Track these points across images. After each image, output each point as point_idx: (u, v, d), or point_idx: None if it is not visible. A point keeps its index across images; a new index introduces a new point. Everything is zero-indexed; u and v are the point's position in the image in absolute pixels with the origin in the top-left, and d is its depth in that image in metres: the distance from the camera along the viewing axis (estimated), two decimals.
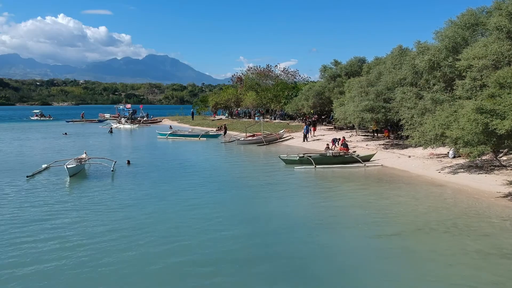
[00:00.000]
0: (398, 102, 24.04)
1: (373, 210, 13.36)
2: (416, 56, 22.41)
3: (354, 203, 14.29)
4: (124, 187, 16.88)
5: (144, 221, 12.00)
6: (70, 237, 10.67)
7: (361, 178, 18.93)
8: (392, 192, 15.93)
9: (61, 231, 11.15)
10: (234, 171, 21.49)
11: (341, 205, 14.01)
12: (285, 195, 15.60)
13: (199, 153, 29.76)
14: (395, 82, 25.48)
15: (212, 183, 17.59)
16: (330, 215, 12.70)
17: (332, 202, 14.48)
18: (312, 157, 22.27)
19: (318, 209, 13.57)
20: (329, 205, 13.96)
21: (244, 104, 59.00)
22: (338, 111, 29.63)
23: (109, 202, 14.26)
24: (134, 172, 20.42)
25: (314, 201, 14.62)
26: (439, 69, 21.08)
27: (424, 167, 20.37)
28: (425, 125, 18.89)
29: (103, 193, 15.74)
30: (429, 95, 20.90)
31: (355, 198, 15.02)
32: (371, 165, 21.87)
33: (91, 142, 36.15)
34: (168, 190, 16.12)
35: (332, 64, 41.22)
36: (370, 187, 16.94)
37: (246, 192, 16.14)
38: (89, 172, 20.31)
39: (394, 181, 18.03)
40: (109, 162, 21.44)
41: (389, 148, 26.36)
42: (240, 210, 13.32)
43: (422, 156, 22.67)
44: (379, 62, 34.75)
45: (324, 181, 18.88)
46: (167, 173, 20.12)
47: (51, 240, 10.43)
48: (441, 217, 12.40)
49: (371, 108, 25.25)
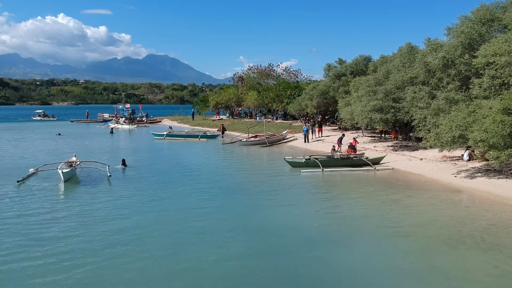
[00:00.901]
0: (408, 102, 22.90)
1: (391, 220, 12.22)
2: (428, 53, 21.25)
3: (369, 213, 13.12)
4: (119, 194, 15.63)
5: (140, 237, 10.81)
6: (65, 253, 9.49)
7: (373, 183, 17.77)
8: (408, 199, 14.78)
9: (55, 245, 9.97)
10: (236, 175, 20.35)
11: (355, 215, 12.84)
12: (292, 203, 14.43)
13: (199, 155, 28.63)
14: (405, 81, 24.33)
15: (213, 189, 16.39)
16: (344, 228, 11.55)
17: (345, 211, 13.32)
18: (319, 159, 21.12)
19: (330, 220, 12.39)
20: (341, 215, 12.80)
21: (245, 104, 57.88)
22: (344, 111, 28.46)
23: (104, 213, 13.07)
24: (130, 177, 19.25)
25: (325, 211, 13.43)
26: (454, 67, 19.93)
27: (438, 170, 19.22)
28: (441, 126, 17.77)
29: (98, 201, 14.50)
30: (443, 94, 19.76)
31: (369, 207, 13.84)
32: (382, 168, 20.71)
33: (87, 143, 35.01)
34: (167, 199, 14.84)
35: (337, 62, 40.07)
36: (384, 193, 15.78)
37: (250, 199, 14.94)
38: (81, 177, 18.98)
39: (408, 186, 16.87)
40: (102, 166, 20.26)
41: (398, 150, 25.21)
42: (244, 222, 12.09)
43: (434, 159, 21.52)
44: (386, 61, 33.63)
45: (334, 186, 17.72)
46: (165, 178, 18.87)
47: (45, 255, 9.28)
48: (467, 229, 11.26)
49: (380, 108, 24.08)
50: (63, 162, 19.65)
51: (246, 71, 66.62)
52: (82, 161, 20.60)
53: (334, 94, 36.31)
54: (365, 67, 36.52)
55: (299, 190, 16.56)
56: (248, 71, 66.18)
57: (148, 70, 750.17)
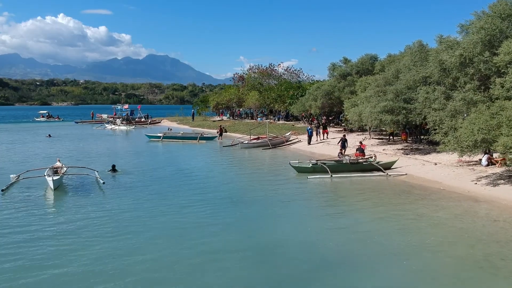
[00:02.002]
0: (421, 102, 21.56)
1: (413, 237, 10.86)
2: (443, 51, 19.91)
3: (388, 227, 11.77)
4: (114, 207, 14.15)
5: (134, 258, 9.50)
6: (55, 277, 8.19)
7: (387, 192, 16.39)
8: (428, 210, 13.41)
9: (45, 268, 8.66)
10: (238, 183, 18.90)
11: (373, 231, 11.46)
12: (303, 217, 13.03)
13: (198, 160, 27.15)
14: (417, 80, 22.99)
15: (214, 200, 14.95)
16: (363, 247, 10.17)
17: (361, 226, 11.95)
18: (327, 164, 19.77)
19: (346, 238, 10.98)
20: (358, 231, 11.42)
21: (246, 104, 56.56)
22: (351, 112, 27.10)
23: (95, 232, 11.58)
24: (124, 185, 17.81)
25: (339, 226, 11.99)
26: (472, 65, 18.59)
27: (456, 177, 17.86)
28: (460, 129, 16.42)
29: (90, 215, 13.03)
30: (461, 95, 18.42)
31: (388, 221, 12.47)
32: (394, 174, 19.34)
33: (82, 145, 33.61)
34: (163, 215, 13.33)
35: (342, 62, 38.68)
36: (401, 204, 14.41)
37: (255, 213, 13.50)
38: (67, 185, 17.49)
39: (427, 195, 15.50)
40: (90, 171, 18.88)
41: (409, 153, 23.85)
42: (250, 243, 10.59)
43: (449, 163, 20.18)
44: (394, 60, 32.33)
45: (345, 196, 16.32)
46: (161, 187, 17.35)
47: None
48: (503, 249, 9.89)
49: (391, 109, 22.71)
50: (47, 167, 18.23)
51: (247, 71, 65.35)
52: (69, 167, 19.04)
53: (340, 94, 34.93)
54: (371, 66, 35.19)
55: (308, 201, 15.16)
56: (248, 70, 64.90)
57: (148, 70, 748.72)
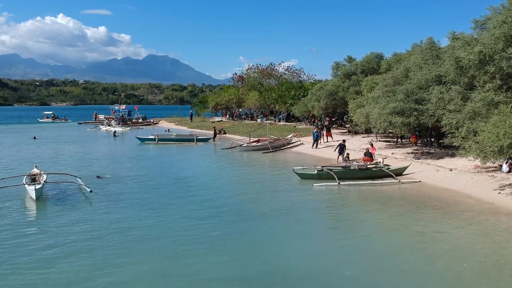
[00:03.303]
0: (434, 103, 19.99)
1: (441, 262, 9.26)
2: (460, 47, 18.34)
3: (408, 249, 10.16)
4: (101, 221, 12.61)
5: None
6: None
7: (402, 202, 14.79)
8: (451, 226, 11.84)
9: None
10: (237, 191, 17.15)
11: (390, 252, 9.88)
12: (307, 233, 11.44)
13: (194, 165, 25.23)
14: (429, 79, 21.42)
15: (208, 212, 13.36)
16: (382, 275, 8.59)
17: (377, 246, 10.38)
18: (334, 171, 18.19)
19: (360, 261, 9.38)
20: (374, 253, 9.85)
21: (246, 105, 55.01)
22: (358, 113, 25.49)
23: (83, 246, 10.21)
24: (113, 193, 16.23)
25: (352, 246, 10.40)
26: (492, 63, 17.02)
27: (475, 184, 16.28)
28: (482, 133, 14.84)
29: (77, 228, 11.71)
30: (480, 95, 16.84)
31: (406, 239, 10.88)
32: (407, 181, 17.76)
33: (71, 148, 31.98)
34: (156, 226, 11.97)
35: (346, 60, 37.07)
36: (419, 218, 12.80)
37: (256, 228, 11.91)
38: (47, 194, 15.89)
39: (446, 206, 13.92)
40: (72, 178, 17.32)
41: (420, 157, 22.25)
42: (246, 266, 9.11)
43: (466, 169, 18.60)
44: (400, 58, 30.82)
45: (355, 206, 14.67)
46: (154, 198, 15.71)
47: None
48: None
49: (401, 110, 21.12)
50: (24, 175, 16.64)
51: (246, 71, 63.77)
52: (48, 173, 17.33)
53: (344, 94, 33.33)
54: (377, 65, 33.62)
55: (314, 214, 13.55)
56: (248, 70, 63.31)
57: (148, 70, 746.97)
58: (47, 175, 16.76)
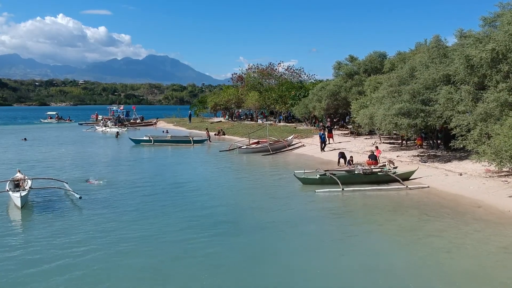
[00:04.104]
0: (442, 104, 19.02)
1: (461, 281, 8.29)
2: (470, 45, 17.37)
3: (425, 269, 9.13)
4: (88, 230, 11.72)
5: None
6: None
7: (411, 210, 13.77)
8: (469, 238, 10.83)
9: None
10: (235, 200, 15.82)
11: (405, 272, 8.86)
12: (311, 249, 10.37)
13: (191, 168, 24.01)
14: (437, 79, 20.44)
15: (204, 223, 12.34)
16: None
17: (389, 263, 9.35)
18: (337, 175, 17.20)
19: (369, 278, 8.42)
20: (386, 272, 8.83)
21: (246, 105, 54.06)
22: (361, 114, 24.51)
23: (74, 259, 9.23)
24: (104, 201, 15.24)
25: (361, 264, 9.31)
26: (506, 61, 16.06)
27: (487, 190, 15.27)
28: (497, 137, 13.88)
29: (67, 239, 10.87)
30: (493, 95, 15.87)
31: (421, 254, 9.85)
32: (415, 187, 16.76)
33: (63, 150, 30.95)
34: (148, 239, 11.01)
35: (347, 60, 36.10)
36: (431, 227, 11.80)
37: (252, 242, 10.91)
38: (33, 201, 14.88)
39: (460, 215, 12.91)
40: (59, 183, 16.34)
41: (427, 160, 21.24)
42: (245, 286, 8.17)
43: (476, 174, 17.60)
44: (404, 57, 29.89)
45: (362, 216, 13.59)
46: (148, 204, 14.76)
47: None
48: None
49: (407, 112, 20.13)
50: (7, 180, 15.63)
51: (246, 71, 62.81)
52: (33, 178, 16.21)
53: (346, 94, 32.33)
54: (380, 64, 32.64)
55: (317, 225, 12.44)
56: (248, 70, 62.36)
57: (148, 70, 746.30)
58: (32, 180, 15.72)
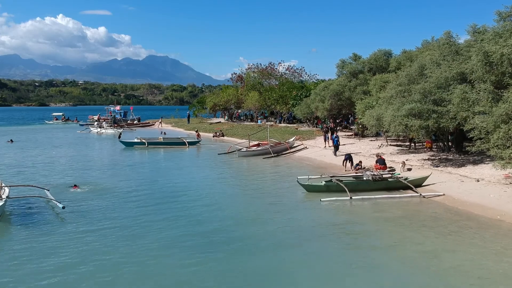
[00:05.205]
0: (456, 104, 17.64)
1: None
2: (490, 40, 16.00)
3: None
4: (71, 246, 10.43)
5: None
6: None
7: (428, 222, 12.37)
8: (497, 257, 9.49)
9: None
10: (233, 211, 14.21)
11: None
12: (316, 269, 9.05)
13: (186, 173, 22.40)
14: (450, 78, 19.06)
15: (199, 240, 11.01)
16: None
17: (406, 285, 8.01)
18: (344, 182, 15.83)
19: None
20: None
21: (246, 106, 52.68)
22: (367, 115, 23.14)
23: None
24: (89, 211, 13.89)
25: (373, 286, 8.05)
26: None
27: (510, 199, 13.88)
28: None
29: (43, 257, 9.61)
30: None
31: (443, 277, 8.50)
32: (429, 195, 15.36)
33: (54, 153, 29.57)
34: (136, 256, 9.75)
35: (351, 58, 34.72)
36: (453, 244, 10.45)
37: (251, 262, 9.59)
38: (10, 211, 13.59)
39: (482, 228, 11.56)
40: (40, 191, 15.02)
41: (439, 165, 19.87)
42: None
43: (494, 180, 16.22)
44: (410, 55, 28.53)
45: (373, 230, 12.11)
46: (138, 215, 13.43)
47: None
48: None
49: (419, 112, 18.75)
50: None
51: (246, 70, 61.45)
52: (10, 186, 14.70)
53: (350, 94, 30.94)
54: (385, 63, 31.26)
55: (324, 242, 10.97)
56: (247, 70, 61.01)
57: (148, 71, 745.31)
58: (9, 188, 14.31)
